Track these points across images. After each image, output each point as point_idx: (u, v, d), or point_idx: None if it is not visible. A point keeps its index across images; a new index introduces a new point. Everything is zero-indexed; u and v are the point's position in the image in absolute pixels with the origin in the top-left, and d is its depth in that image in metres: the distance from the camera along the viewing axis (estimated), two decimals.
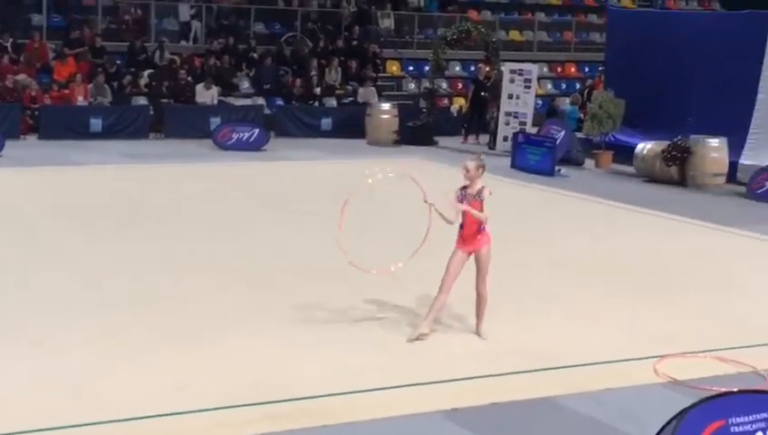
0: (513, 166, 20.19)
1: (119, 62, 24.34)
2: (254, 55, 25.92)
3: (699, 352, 8.99)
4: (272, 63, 25.62)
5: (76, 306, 9.70)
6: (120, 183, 17.21)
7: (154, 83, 23.71)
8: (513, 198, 17.03)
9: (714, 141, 18.73)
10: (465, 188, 9.00)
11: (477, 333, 9.24)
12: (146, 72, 24.08)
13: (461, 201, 8.96)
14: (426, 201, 9.06)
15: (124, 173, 18.18)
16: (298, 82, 24.88)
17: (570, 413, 7.58)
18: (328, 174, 19.10)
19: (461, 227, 9.04)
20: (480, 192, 8.94)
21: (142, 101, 23.48)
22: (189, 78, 23.85)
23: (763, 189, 17.61)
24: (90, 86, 22.72)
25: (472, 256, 9.08)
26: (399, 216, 13.24)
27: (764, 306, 10.80)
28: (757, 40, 19.15)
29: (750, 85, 19.22)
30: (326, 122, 24.19)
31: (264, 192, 16.91)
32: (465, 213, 8.95)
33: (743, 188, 18.15)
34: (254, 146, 21.40)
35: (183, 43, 26.46)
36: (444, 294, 9.03)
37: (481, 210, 8.94)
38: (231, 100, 24.26)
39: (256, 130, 21.73)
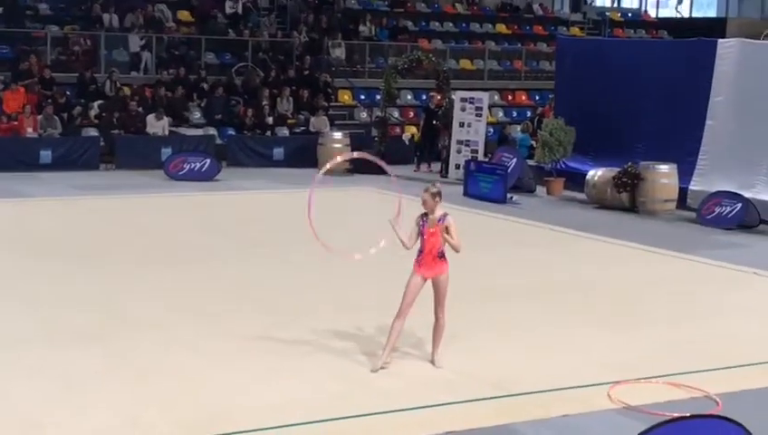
0: (466, 194, 20.25)
1: (68, 93, 24.14)
2: (205, 85, 25.84)
3: (652, 377, 9.02)
4: (223, 93, 25.55)
5: (20, 340, 9.54)
6: (70, 215, 17.02)
7: (104, 114, 23.53)
8: (465, 226, 16.95)
9: (664, 168, 18.92)
10: (425, 214, 9.00)
11: (432, 360, 9.21)
12: (96, 103, 23.90)
13: (423, 227, 8.94)
14: (390, 221, 8.98)
15: (74, 205, 17.98)
16: (249, 111, 24.82)
17: None
18: (280, 203, 19.06)
19: (420, 251, 9.01)
20: (443, 217, 8.95)
21: (93, 132, 23.28)
22: (140, 109, 23.71)
23: (713, 215, 17.80)
24: (39, 117, 22.50)
25: (428, 282, 9.05)
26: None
27: (716, 331, 10.89)
28: (705, 67, 19.40)
29: (699, 112, 19.44)
30: (278, 152, 24.14)
31: (216, 222, 16.81)
32: (426, 238, 8.91)
33: (693, 214, 18.33)
34: (206, 176, 21.28)
35: (133, 73, 26.32)
36: (400, 320, 8.98)
37: (446, 233, 8.91)
38: (182, 130, 24.14)
39: (208, 160, 21.62)
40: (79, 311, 10.68)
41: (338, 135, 23.87)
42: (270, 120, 25.12)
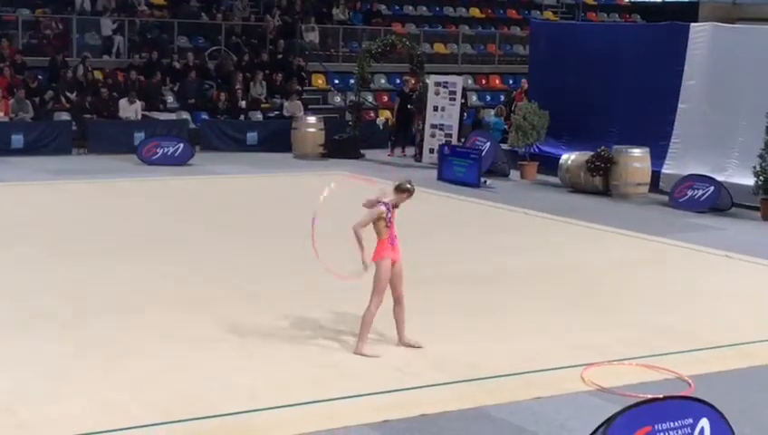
0: (440, 178, 20.26)
1: (40, 77, 23.95)
2: (178, 66, 25.68)
3: (625, 359, 9.08)
4: (196, 78, 25.42)
5: None
6: (42, 200, 16.90)
7: (76, 98, 23.36)
8: (439, 211, 17.09)
9: (636, 151, 18.99)
10: (395, 206, 9.14)
11: (405, 342, 9.22)
12: (67, 92, 23.71)
13: (390, 217, 9.03)
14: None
15: (46, 190, 17.86)
16: (223, 95, 24.72)
17: (500, 423, 7.60)
18: (254, 188, 19.02)
19: (393, 238, 9.04)
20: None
21: (65, 116, 23.10)
22: (114, 93, 23.56)
23: (686, 198, 17.89)
24: (11, 102, 22.31)
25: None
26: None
27: (688, 313, 10.96)
28: (677, 51, 19.46)
29: (671, 95, 19.51)
30: (252, 136, 24.05)
31: (190, 207, 16.75)
32: (392, 226, 9.00)
33: (665, 197, 18.42)
34: (180, 160, 21.17)
35: (105, 57, 26.12)
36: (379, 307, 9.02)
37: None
38: (155, 114, 24.01)
39: (181, 145, 21.52)
40: (51, 297, 10.62)
41: (312, 119, 23.81)
42: (243, 104, 25.03)
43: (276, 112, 25.38)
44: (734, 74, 18.59)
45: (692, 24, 20.18)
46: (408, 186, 9.17)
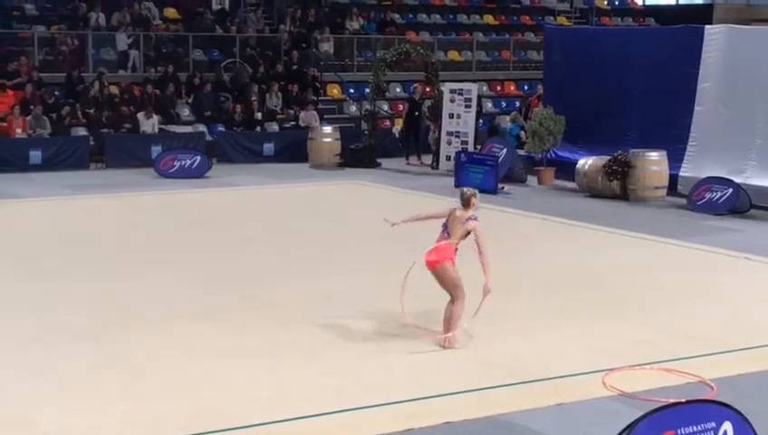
0: (457, 185, 20.21)
1: (57, 93, 24.08)
2: (196, 81, 25.78)
3: (646, 364, 9.06)
4: (212, 90, 25.51)
5: (16, 341, 9.54)
6: (62, 215, 16.98)
7: (93, 113, 23.47)
8: None
9: (654, 155, 18.95)
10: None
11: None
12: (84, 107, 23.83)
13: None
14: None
15: (65, 205, 17.95)
16: (239, 107, 24.80)
17: (522, 430, 7.59)
18: (271, 198, 19.07)
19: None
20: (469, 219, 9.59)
21: (82, 131, 23.22)
22: (131, 108, 23.68)
23: (704, 201, 17.84)
24: (28, 118, 22.44)
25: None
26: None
27: (709, 316, 10.93)
28: (692, 53, 19.42)
29: (687, 98, 19.46)
30: (268, 147, 24.11)
31: (209, 219, 16.80)
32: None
33: (684, 200, 18.37)
34: (197, 173, 21.25)
35: (121, 72, 26.25)
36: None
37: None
38: (172, 127, 24.10)
39: (198, 157, 21.59)
40: (74, 311, 10.67)
41: (327, 129, 23.85)
42: (259, 115, 25.11)
43: (292, 123, 25.43)
44: (750, 76, 18.52)
45: (706, 27, 20.13)
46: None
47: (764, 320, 10.80)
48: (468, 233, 9.48)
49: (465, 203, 9.64)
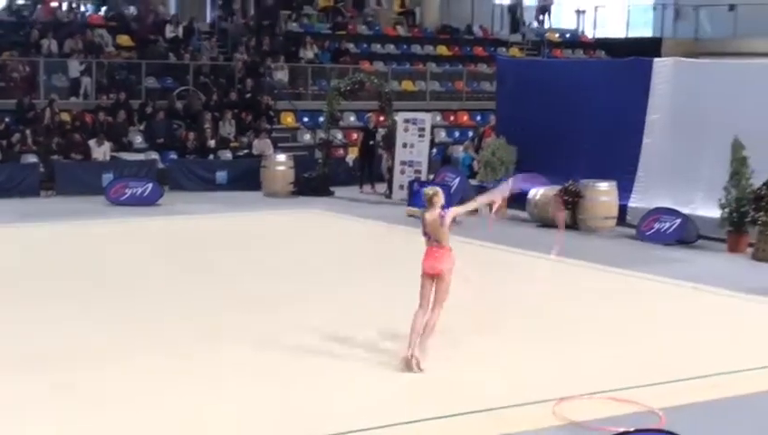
0: (410, 215, 20.31)
1: (7, 119, 23.87)
2: (148, 109, 25.69)
3: (596, 393, 9.13)
4: (164, 118, 25.44)
5: None
6: (10, 243, 16.80)
7: (44, 140, 23.29)
8: (409, 246, 17.11)
9: (603, 185, 19.17)
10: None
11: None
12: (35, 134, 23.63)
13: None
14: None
15: (14, 233, 17.76)
16: (191, 135, 24.75)
17: None
18: (225, 227, 19.00)
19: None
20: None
21: (32, 158, 23.02)
22: (83, 135, 23.52)
23: (652, 231, 18.05)
24: None
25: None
26: None
27: (657, 345, 11.04)
28: (641, 85, 19.70)
29: (636, 129, 19.73)
30: (221, 175, 24.05)
31: (158, 247, 16.71)
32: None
33: (633, 231, 18.57)
34: (148, 201, 21.14)
35: (73, 99, 26.10)
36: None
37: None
38: (124, 155, 23.97)
39: (150, 185, 21.49)
40: (21, 340, 10.55)
41: (281, 157, 23.86)
42: (212, 143, 25.06)
43: (245, 151, 25.41)
44: (698, 108, 18.81)
45: (655, 60, 20.45)
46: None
47: (712, 349, 10.93)
48: (451, 225, 9.67)
49: (429, 203, 9.75)
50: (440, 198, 9.76)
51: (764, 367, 10.23)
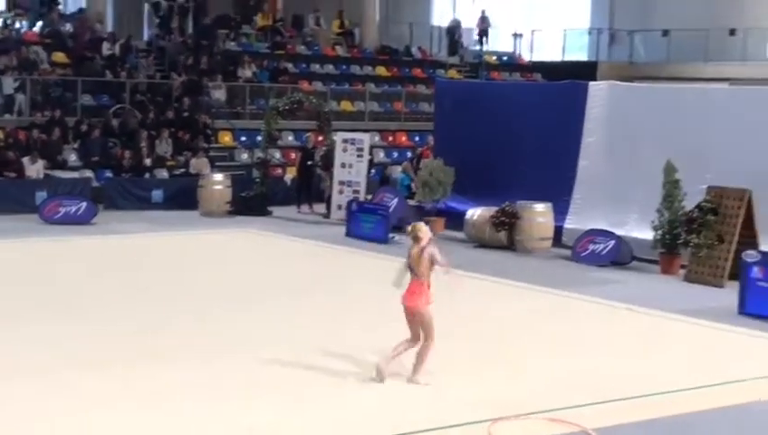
0: (348, 234, 20.34)
1: None
2: (83, 127, 25.40)
3: (531, 413, 9.17)
4: (100, 136, 25.17)
5: None
6: None
7: None
8: (348, 266, 17.13)
9: (540, 207, 19.33)
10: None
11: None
12: None
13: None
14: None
15: None
16: (127, 153, 24.51)
17: None
18: (160, 246, 18.82)
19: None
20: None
21: None
22: (16, 153, 23.17)
23: (587, 252, 18.23)
24: None
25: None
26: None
27: (591, 366, 11.13)
28: (577, 108, 19.93)
29: (572, 152, 19.92)
30: (157, 194, 23.84)
31: (91, 267, 16.49)
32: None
33: (568, 252, 18.74)
34: (83, 219, 20.87)
35: (6, 116, 25.72)
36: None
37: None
38: (58, 173, 23.66)
39: (84, 204, 21.21)
40: None
41: (218, 177, 23.73)
42: (148, 161, 24.84)
43: (182, 170, 25.22)
44: (632, 131, 19.08)
45: (590, 83, 20.73)
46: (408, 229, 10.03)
47: (645, 370, 11.04)
48: (432, 263, 9.96)
49: (415, 239, 10.01)
50: (424, 233, 10.04)
51: (696, 388, 10.37)
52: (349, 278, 16.05)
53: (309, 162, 24.31)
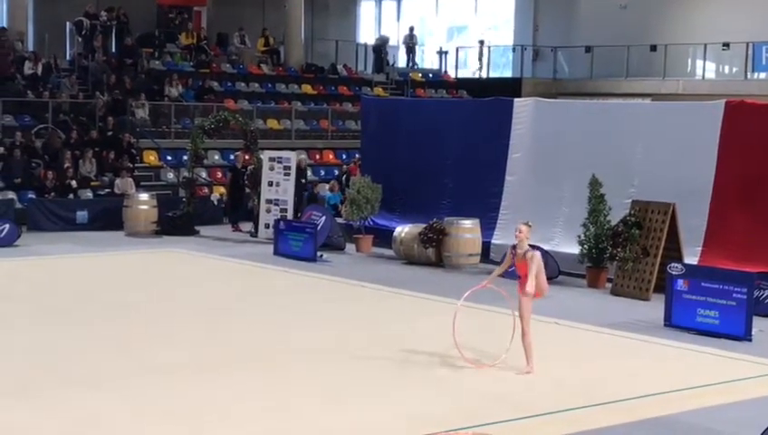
0: (276, 253, 20.24)
1: None
2: (2, 149, 24.94)
3: (460, 428, 9.16)
4: (22, 156, 24.75)
5: None
6: None
7: None
8: (275, 285, 17.03)
9: (467, 223, 19.44)
10: (515, 247, 11.60)
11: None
12: None
13: (513, 258, 11.71)
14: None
15: None
16: (51, 174, 24.13)
17: None
18: (85, 268, 18.54)
19: (520, 277, 11.48)
20: (526, 252, 11.35)
21: None
22: None
23: (515, 268, 18.32)
24: None
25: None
26: None
27: (521, 381, 11.18)
28: (503, 125, 20.11)
29: (499, 168, 20.09)
30: (82, 215, 23.50)
31: (15, 290, 16.17)
32: (520, 266, 11.53)
33: (496, 267, 18.74)
34: (5, 242, 20.47)
35: None
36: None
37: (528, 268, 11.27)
38: None
39: (7, 226, 20.80)
40: None
41: (144, 196, 23.48)
42: (73, 182, 24.47)
43: (107, 190, 24.92)
44: (557, 147, 19.31)
45: (515, 100, 20.93)
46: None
47: (573, 384, 11.14)
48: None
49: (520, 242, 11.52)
50: (523, 233, 11.80)
51: (624, 399, 10.48)
52: (277, 297, 15.96)
53: (240, 182, 24.16)
